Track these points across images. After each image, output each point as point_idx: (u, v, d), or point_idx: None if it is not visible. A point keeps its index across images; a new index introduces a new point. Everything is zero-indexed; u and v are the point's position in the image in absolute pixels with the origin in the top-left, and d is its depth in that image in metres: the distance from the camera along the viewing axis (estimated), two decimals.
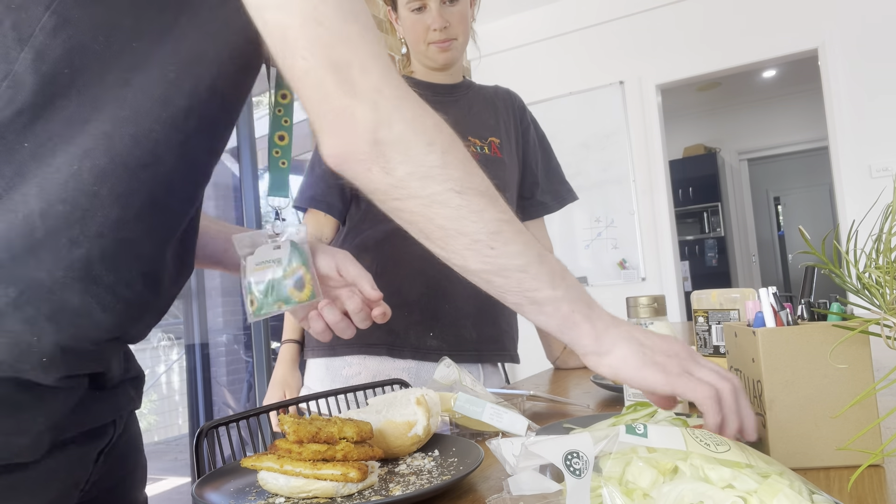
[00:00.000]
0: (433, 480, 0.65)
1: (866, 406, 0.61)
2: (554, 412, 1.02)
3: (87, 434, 0.59)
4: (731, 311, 0.91)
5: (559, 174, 1.58)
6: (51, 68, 0.48)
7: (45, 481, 0.54)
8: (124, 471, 0.68)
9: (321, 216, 1.39)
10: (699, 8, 3.90)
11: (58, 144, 0.49)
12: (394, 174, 0.52)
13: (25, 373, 0.49)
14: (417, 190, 0.52)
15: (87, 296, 0.50)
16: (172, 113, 0.53)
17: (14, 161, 0.48)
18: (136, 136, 0.51)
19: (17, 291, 0.47)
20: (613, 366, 0.58)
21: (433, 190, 0.52)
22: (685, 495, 0.42)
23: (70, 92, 0.49)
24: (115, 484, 0.66)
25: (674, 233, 4.06)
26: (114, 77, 0.50)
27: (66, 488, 0.57)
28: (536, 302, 0.57)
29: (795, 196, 8.17)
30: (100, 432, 0.61)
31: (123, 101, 0.50)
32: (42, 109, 0.48)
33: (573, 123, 4.18)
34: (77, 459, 0.58)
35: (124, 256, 0.53)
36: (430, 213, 0.53)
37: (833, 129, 3.57)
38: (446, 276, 1.33)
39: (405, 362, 1.32)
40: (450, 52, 1.36)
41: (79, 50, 0.49)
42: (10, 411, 0.49)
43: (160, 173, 0.53)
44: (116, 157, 0.50)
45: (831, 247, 0.62)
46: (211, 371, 3.13)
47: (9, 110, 0.47)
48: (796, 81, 6.18)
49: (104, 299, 0.52)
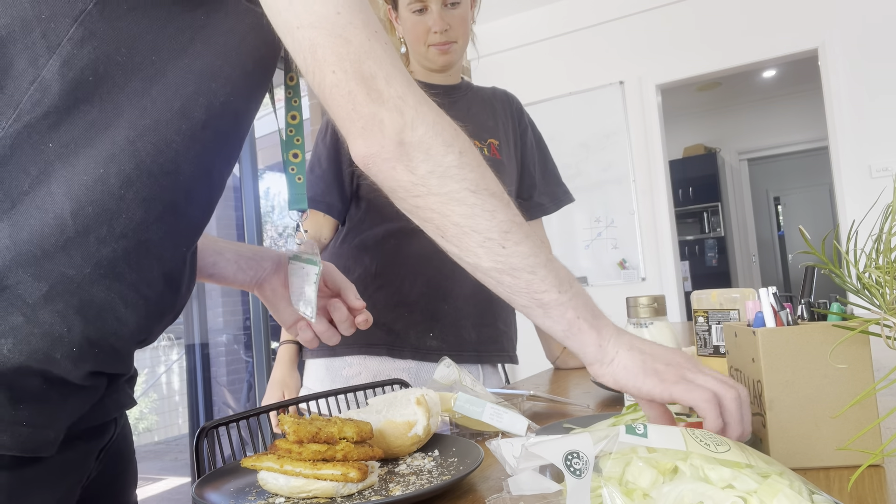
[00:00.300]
0: (433, 480, 0.65)
1: (866, 406, 0.61)
2: (554, 412, 1.02)
3: (94, 430, 0.62)
4: (731, 311, 0.91)
5: (556, 176, 1.58)
6: (76, 75, 0.52)
7: (61, 476, 0.56)
8: (117, 469, 0.70)
9: (320, 217, 1.39)
10: (699, 8, 3.90)
11: (81, 147, 0.52)
12: (416, 172, 0.56)
13: (57, 365, 0.52)
14: (436, 187, 0.56)
15: (111, 292, 0.54)
16: (190, 125, 0.57)
17: (40, 160, 0.51)
18: (158, 144, 0.55)
19: (49, 286, 0.51)
20: (615, 374, 0.60)
21: (450, 188, 0.57)
22: (685, 495, 0.42)
23: (93, 98, 0.53)
24: (109, 481, 0.68)
25: (674, 233, 4.06)
26: (135, 86, 0.54)
27: (74, 484, 0.59)
28: (543, 305, 0.59)
29: (795, 196, 8.17)
30: (103, 429, 0.64)
31: (144, 111, 0.55)
32: (66, 113, 0.52)
33: (573, 123, 4.18)
34: (84, 455, 0.61)
35: (146, 257, 0.57)
36: (447, 210, 0.57)
37: (833, 129, 3.57)
38: (446, 276, 1.34)
39: (405, 362, 1.32)
40: (449, 54, 1.36)
41: (103, 60, 0.53)
42: (39, 405, 0.52)
43: (180, 181, 0.58)
44: (141, 164, 0.54)
45: (831, 247, 0.62)
46: (211, 371, 3.13)
47: (36, 112, 0.51)
48: (796, 81, 6.18)
49: (127, 296, 0.56)
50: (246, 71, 0.62)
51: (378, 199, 1.34)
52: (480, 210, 0.57)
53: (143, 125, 0.54)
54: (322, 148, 1.39)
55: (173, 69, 0.56)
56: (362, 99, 0.55)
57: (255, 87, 0.65)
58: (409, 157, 0.56)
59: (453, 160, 0.57)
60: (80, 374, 0.54)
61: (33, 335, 0.50)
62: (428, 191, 0.57)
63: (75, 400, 0.55)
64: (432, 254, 1.47)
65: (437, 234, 0.59)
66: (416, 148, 0.56)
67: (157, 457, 4.27)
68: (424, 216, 0.59)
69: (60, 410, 0.54)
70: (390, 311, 1.32)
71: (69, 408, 0.55)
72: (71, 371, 0.53)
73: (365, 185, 1.36)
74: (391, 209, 0.62)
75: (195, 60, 0.57)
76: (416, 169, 0.56)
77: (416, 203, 0.58)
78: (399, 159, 0.56)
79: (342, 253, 1.38)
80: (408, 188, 0.57)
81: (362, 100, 0.55)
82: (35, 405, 0.51)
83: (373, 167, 0.57)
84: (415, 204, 0.58)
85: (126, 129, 0.54)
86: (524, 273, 0.58)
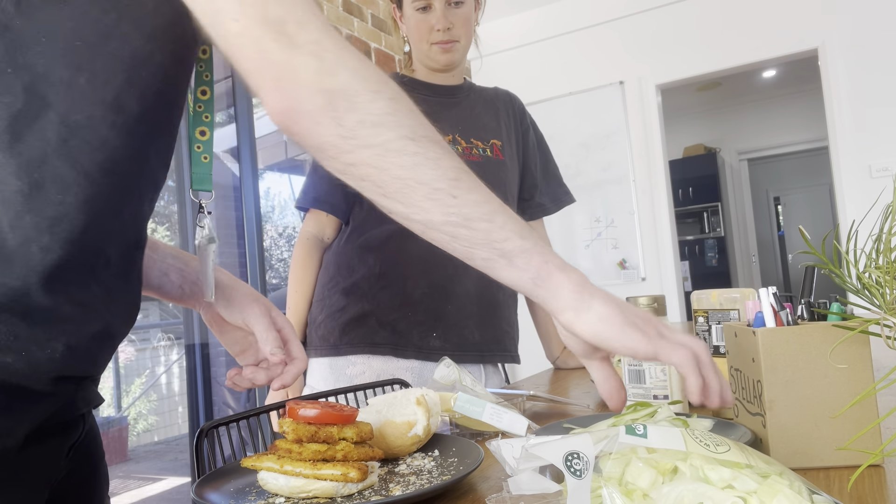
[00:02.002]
0: (433, 480, 0.65)
1: (866, 406, 0.61)
2: (554, 412, 1.02)
3: (62, 426, 0.60)
4: (731, 311, 0.91)
5: (557, 176, 1.59)
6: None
7: (26, 471, 0.54)
8: (88, 469, 0.68)
9: (323, 216, 1.39)
10: (699, 8, 3.90)
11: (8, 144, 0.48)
12: (343, 123, 0.50)
13: (13, 372, 0.49)
14: (369, 138, 0.50)
15: (58, 296, 0.51)
16: (125, 119, 0.53)
17: None
18: (93, 143, 0.51)
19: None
20: (593, 324, 0.53)
21: (386, 137, 0.50)
22: (685, 496, 0.42)
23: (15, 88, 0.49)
24: (80, 482, 0.66)
25: (674, 233, 4.06)
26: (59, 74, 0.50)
27: (42, 482, 0.57)
28: (506, 254, 0.53)
29: (795, 196, 8.17)
30: (72, 425, 0.62)
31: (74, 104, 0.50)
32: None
33: (573, 123, 4.18)
34: (52, 451, 0.59)
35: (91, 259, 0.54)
36: (385, 164, 0.51)
37: (833, 129, 3.57)
38: (449, 276, 1.34)
39: (408, 362, 1.32)
40: (451, 53, 1.36)
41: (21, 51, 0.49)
42: (1, 415, 0.50)
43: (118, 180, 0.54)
44: (77, 166, 0.51)
45: (831, 247, 0.62)
46: (211, 371, 3.13)
47: None
48: (796, 81, 6.18)
49: (76, 298, 0.53)
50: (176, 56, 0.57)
51: None
52: (423, 158, 0.51)
53: (76, 122, 0.51)
54: None
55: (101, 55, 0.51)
56: (271, 46, 0.48)
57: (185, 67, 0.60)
58: (334, 107, 0.49)
59: (384, 106, 0.50)
60: (41, 379, 0.52)
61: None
62: (360, 143, 0.50)
63: (40, 408, 0.53)
64: (436, 254, 1.47)
65: (377, 193, 0.53)
66: (340, 96, 0.49)
67: (157, 457, 4.27)
68: (360, 174, 0.52)
69: (22, 419, 0.52)
70: (394, 311, 1.33)
71: (33, 415, 0.53)
72: (29, 376, 0.51)
73: None
74: None
75: (124, 45, 0.52)
76: (342, 119, 0.49)
77: (349, 160, 0.51)
78: (322, 110, 0.49)
79: (346, 253, 1.38)
80: (336, 143, 0.50)
81: (271, 46, 0.49)
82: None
83: (293, 125, 0.51)
84: (347, 161, 0.51)
85: (57, 125, 0.50)
86: (481, 222, 0.52)
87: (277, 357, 0.71)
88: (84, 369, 0.57)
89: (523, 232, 0.54)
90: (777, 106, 6.74)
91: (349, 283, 1.35)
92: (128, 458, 4.09)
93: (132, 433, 4.33)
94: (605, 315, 0.53)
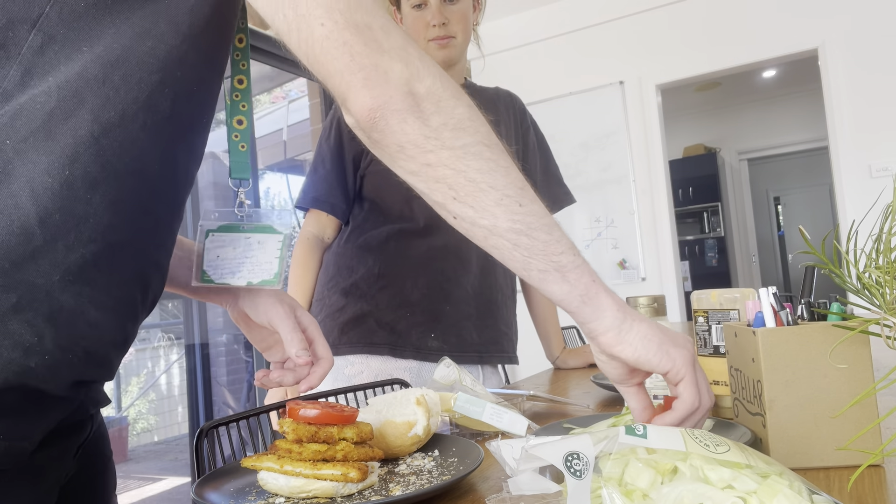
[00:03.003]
0: (433, 480, 0.65)
1: (866, 406, 0.61)
2: (554, 412, 1.02)
3: (71, 427, 0.60)
4: (731, 311, 0.91)
5: (557, 177, 1.59)
6: (38, 81, 0.49)
7: (39, 473, 0.55)
8: (96, 469, 0.69)
9: (323, 216, 1.40)
10: (699, 8, 3.90)
11: (41, 140, 0.49)
12: (429, 124, 0.53)
13: (33, 376, 0.49)
14: (451, 140, 0.53)
15: (81, 297, 0.51)
16: (156, 119, 0.53)
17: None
18: (123, 143, 0.52)
19: (17, 296, 0.48)
20: (634, 345, 0.57)
21: (466, 141, 0.53)
22: (685, 496, 0.42)
23: (51, 88, 0.49)
24: (88, 481, 0.67)
25: (674, 233, 4.06)
26: (94, 72, 0.50)
27: (53, 483, 0.58)
28: (561, 268, 0.56)
29: (795, 196, 8.17)
30: (81, 425, 0.63)
31: (107, 101, 0.51)
32: (22, 106, 0.48)
33: (573, 123, 4.18)
34: (62, 452, 0.59)
35: (116, 260, 0.54)
36: (463, 166, 0.54)
37: (833, 129, 3.57)
38: (448, 277, 1.34)
39: (407, 362, 1.32)
40: (448, 49, 1.36)
41: (64, 61, 0.50)
42: (17, 418, 0.50)
43: (146, 180, 0.54)
44: (107, 165, 0.51)
45: (831, 247, 0.62)
46: (211, 371, 3.13)
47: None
48: (796, 81, 6.18)
49: (97, 300, 0.53)
50: (209, 57, 0.58)
51: (381, 199, 1.35)
52: (496, 165, 0.54)
53: (108, 119, 0.51)
54: (326, 148, 1.39)
55: (136, 53, 0.52)
56: (360, 49, 0.51)
57: (219, 73, 0.61)
58: (420, 108, 0.52)
59: (464, 112, 0.54)
60: (60, 384, 0.52)
61: (3, 346, 0.48)
62: (441, 144, 0.53)
63: (56, 412, 0.54)
64: (435, 255, 1.48)
65: (448, 196, 0.55)
66: (427, 98, 0.52)
67: (157, 457, 4.27)
68: (436, 175, 0.54)
69: (39, 422, 0.52)
70: (393, 312, 1.33)
71: (48, 419, 0.53)
72: (48, 381, 0.51)
73: (368, 186, 1.37)
74: (394, 210, 0.61)
75: (159, 44, 0.53)
76: (428, 120, 0.52)
77: (428, 160, 0.54)
78: (410, 110, 0.52)
79: (345, 253, 1.38)
80: (419, 143, 0.53)
81: (361, 49, 0.51)
82: (13, 418, 0.50)
83: (380, 121, 0.53)
84: (426, 161, 0.54)
85: (90, 123, 0.50)
86: (541, 233, 0.55)
87: (303, 359, 0.72)
88: (100, 374, 0.57)
89: (574, 249, 0.57)
90: (777, 106, 6.74)
91: (348, 283, 1.35)
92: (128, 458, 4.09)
93: (132, 433, 4.33)
94: (646, 335, 0.57)
